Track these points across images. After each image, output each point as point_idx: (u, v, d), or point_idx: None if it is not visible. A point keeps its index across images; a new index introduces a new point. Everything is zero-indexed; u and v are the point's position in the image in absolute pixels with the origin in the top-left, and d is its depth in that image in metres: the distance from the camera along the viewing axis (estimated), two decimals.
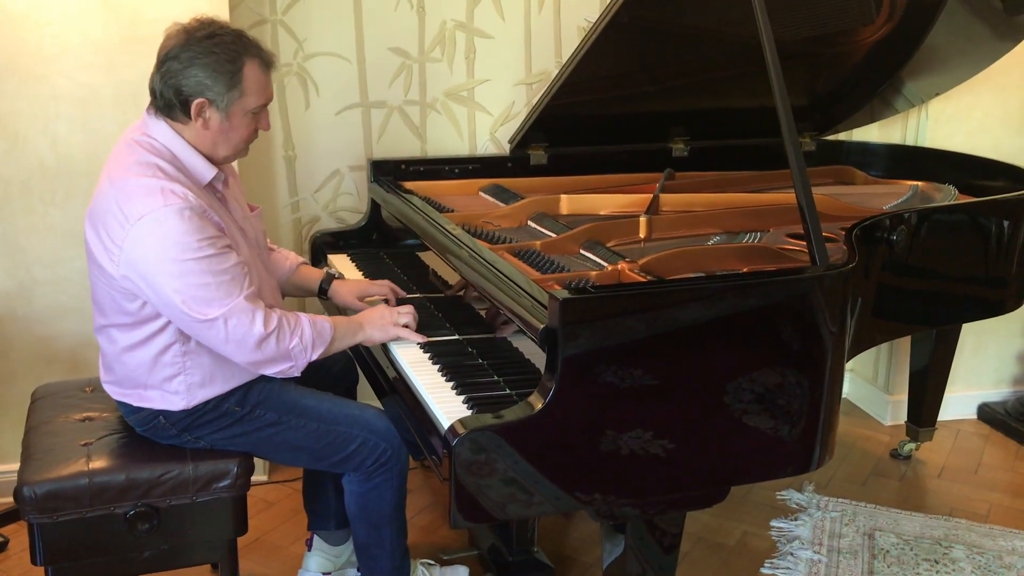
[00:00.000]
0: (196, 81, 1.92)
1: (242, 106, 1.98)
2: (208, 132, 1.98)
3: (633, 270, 2.09)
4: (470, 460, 1.64)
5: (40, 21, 2.68)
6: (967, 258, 2.68)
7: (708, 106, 3.11)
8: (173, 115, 1.97)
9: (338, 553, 2.50)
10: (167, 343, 2.01)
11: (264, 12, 3.05)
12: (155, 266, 1.88)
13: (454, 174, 3.03)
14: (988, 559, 2.71)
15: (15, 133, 2.74)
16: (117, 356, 2.07)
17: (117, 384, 2.11)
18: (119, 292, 1.97)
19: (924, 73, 3.08)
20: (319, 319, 2.06)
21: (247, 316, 1.92)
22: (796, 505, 3.00)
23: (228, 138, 2.01)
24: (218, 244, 1.91)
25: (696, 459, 1.81)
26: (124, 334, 2.03)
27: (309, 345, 2.01)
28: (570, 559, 2.69)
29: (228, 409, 2.09)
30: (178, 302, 1.89)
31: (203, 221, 1.90)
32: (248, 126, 2.03)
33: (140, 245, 1.88)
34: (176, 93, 1.93)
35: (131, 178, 1.91)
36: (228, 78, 1.94)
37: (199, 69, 1.92)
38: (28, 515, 1.96)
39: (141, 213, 1.87)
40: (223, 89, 1.94)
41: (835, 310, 1.88)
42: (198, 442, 2.10)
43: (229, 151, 2.04)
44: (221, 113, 1.97)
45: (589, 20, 3.26)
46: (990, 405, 3.68)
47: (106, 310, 2.03)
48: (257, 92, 1.99)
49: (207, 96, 1.94)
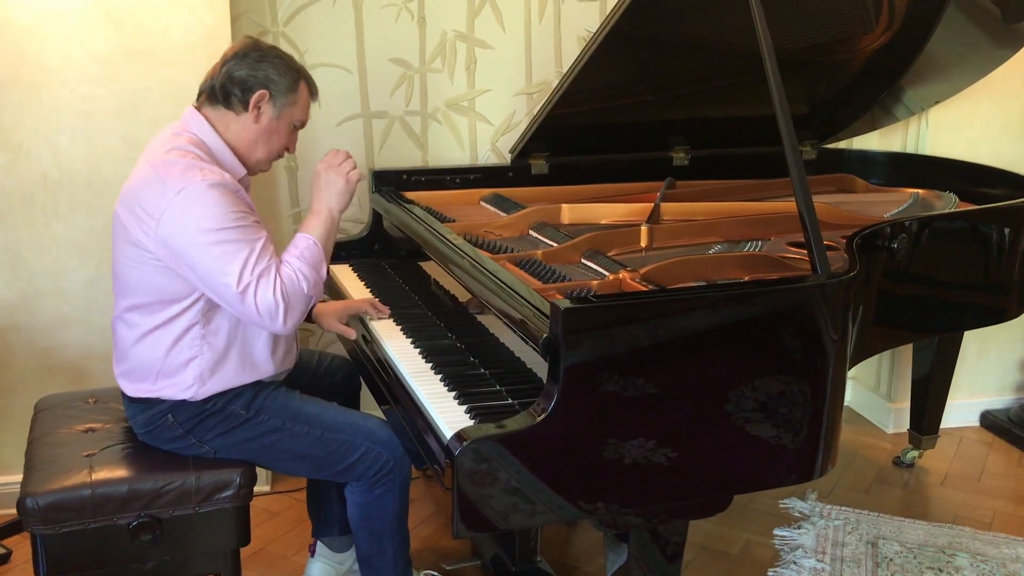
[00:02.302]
0: (264, 75, 2.07)
1: (290, 114, 2.13)
2: (256, 127, 2.09)
3: (634, 279, 2.09)
4: (473, 470, 1.64)
5: (42, 33, 2.69)
6: (968, 266, 2.67)
7: (709, 115, 3.12)
8: (229, 103, 2.07)
9: (341, 560, 2.50)
10: (188, 324, 2.04)
11: (266, 23, 3.06)
12: (195, 237, 1.93)
13: (455, 184, 3.04)
14: (992, 567, 2.70)
15: (18, 145, 2.75)
16: (134, 343, 2.08)
17: (129, 375, 2.12)
18: (151, 267, 2.00)
19: (924, 81, 3.09)
20: (298, 241, 2.07)
21: (270, 282, 1.95)
22: (799, 513, 2.99)
23: (269, 140, 2.12)
24: (250, 218, 1.99)
25: (699, 468, 1.81)
26: (146, 316, 2.05)
27: (311, 277, 2.03)
28: (573, 568, 2.69)
29: (234, 411, 2.10)
30: (216, 273, 1.93)
31: (237, 198, 1.99)
32: (286, 137, 2.16)
33: (179, 217, 1.93)
34: (241, 83, 2.06)
35: (170, 158, 1.99)
36: (289, 83, 2.10)
37: (269, 66, 2.07)
38: (31, 526, 1.96)
39: (181, 187, 1.93)
40: (284, 89, 2.09)
41: (837, 318, 1.88)
42: (202, 447, 2.10)
43: (263, 155, 2.14)
44: (275, 111, 2.10)
45: (589, 30, 3.27)
46: (993, 412, 3.68)
47: (130, 291, 2.06)
48: (303, 108, 2.16)
49: (270, 89, 2.07)
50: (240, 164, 2.11)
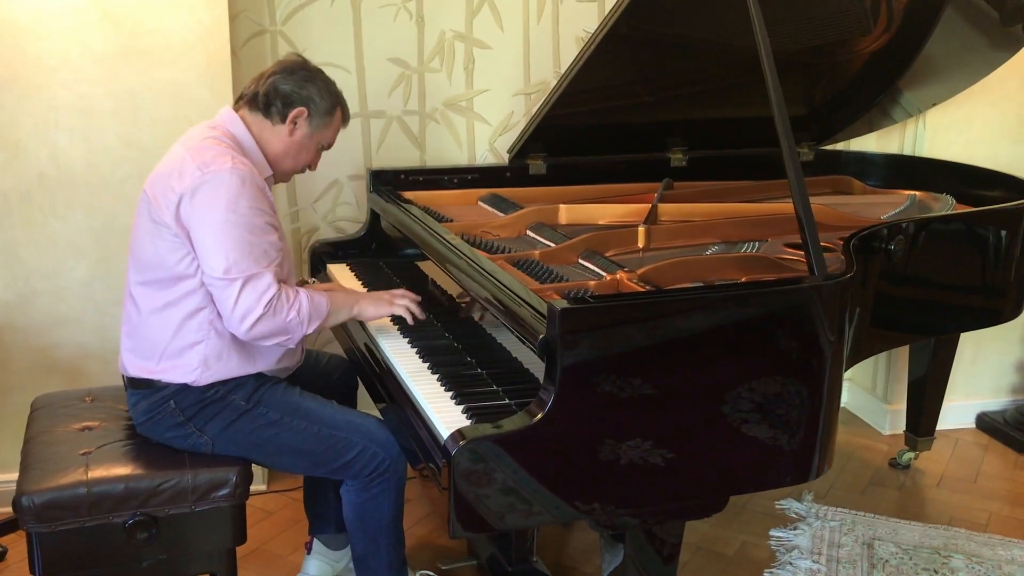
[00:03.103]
0: (307, 94, 2.18)
1: (322, 135, 2.24)
2: (289, 140, 2.20)
3: (632, 280, 2.09)
4: (469, 470, 1.64)
5: (40, 33, 2.69)
6: (965, 268, 2.68)
7: (706, 116, 3.12)
8: (268, 113, 2.17)
9: (338, 558, 2.51)
10: (196, 307, 2.08)
11: (264, 23, 3.06)
12: (208, 215, 2.00)
13: (453, 184, 3.04)
14: (987, 568, 2.71)
15: (15, 144, 2.74)
16: (144, 319, 2.12)
17: (135, 351, 2.15)
18: (167, 244, 2.05)
19: (922, 83, 3.09)
20: (315, 294, 2.14)
21: (260, 289, 2.01)
22: (795, 514, 2.99)
23: (298, 154, 2.23)
24: (266, 218, 2.06)
25: (695, 468, 1.81)
26: (158, 292, 2.09)
27: (306, 319, 2.09)
28: (569, 569, 2.69)
29: (234, 402, 2.12)
30: (213, 252, 1.99)
31: (260, 194, 2.06)
32: (313, 155, 2.27)
33: (200, 194, 2.00)
34: (284, 96, 2.16)
35: (206, 144, 2.08)
36: (328, 106, 2.21)
37: (313, 87, 2.19)
38: (27, 525, 1.96)
39: (212, 168, 2.02)
40: (323, 111, 2.21)
41: (833, 319, 1.89)
42: (201, 436, 2.11)
43: (288, 167, 2.25)
44: (310, 129, 2.21)
45: (587, 31, 3.27)
46: (989, 414, 3.68)
47: (144, 266, 2.10)
48: (334, 132, 2.28)
49: (310, 108, 2.18)
50: (267, 165, 2.20)
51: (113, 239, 2.84)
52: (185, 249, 2.04)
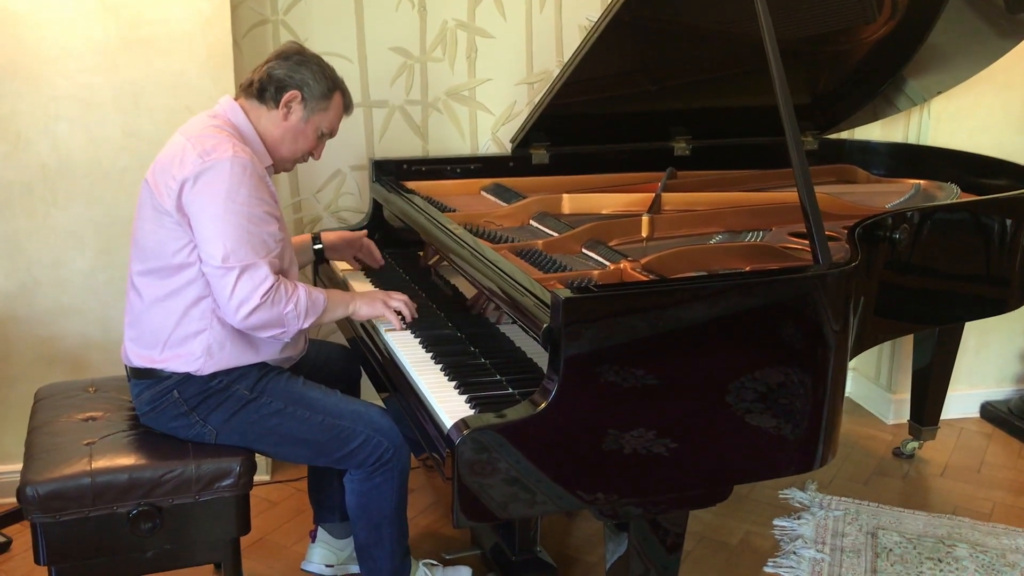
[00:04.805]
0: (301, 78, 2.17)
1: (319, 120, 2.22)
2: (284, 125, 2.18)
3: (635, 269, 2.08)
4: (473, 459, 1.64)
5: (40, 22, 2.68)
6: (969, 257, 2.67)
7: (710, 105, 3.11)
8: (262, 98, 2.17)
9: (342, 547, 2.51)
10: (198, 295, 2.08)
11: (266, 12, 3.05)
12: (208, 202, 2.00)
13: (456, 174, 3.03)
14: (991, 558, 2.71)
15: (16, 134, 2.74)
16: (147, 308, 2.12)
17: (138, 340, 2.15)
18: (168, 232, 2.05)
19: (926, 71, 3.08)
20: (314, 290, 2.14)
21: (258, 279, 2.01)
22: (799, 504, 2.99)
23: (295, 140, 2.21)
24: (266, 207, 2.06)
25: (699, 458, 1.81)
26: (160, 281, 2.09)
27: (303, 312, 2.09)
28: (573, 558, 2.69)
29: (237, 391, 2.12)
30: (211, 240, 2.00)
31: (261, 183, 2.06)
32: (312, 142, 2.25)
33: (201, 182, 2.01)
34: (277, 81, 2.16)
35: (207, 132, 2.08)
36: (324, 90, 2.19)
37: (307, 71, 2.18)
38: (31, 515, 1.96)
39: (213, 156, 2.02)
40: (317, 95, 2.19)
41: (838, 309, 1.88)
42: (204, 425, 2.11)
43: (287, 153, 2.23)
44: (305, 113, 2.19)
45: (590, 19, 3.26)
46: (993, 404, 3.68)
47: (147, 255, 2.10)
48: (334, 118, 2.25)
49: (303, 92, 2.17)
50: (267, 154, 2.20)
51: (115, 229, 2.84)
52: (187, 237, 2.04)
